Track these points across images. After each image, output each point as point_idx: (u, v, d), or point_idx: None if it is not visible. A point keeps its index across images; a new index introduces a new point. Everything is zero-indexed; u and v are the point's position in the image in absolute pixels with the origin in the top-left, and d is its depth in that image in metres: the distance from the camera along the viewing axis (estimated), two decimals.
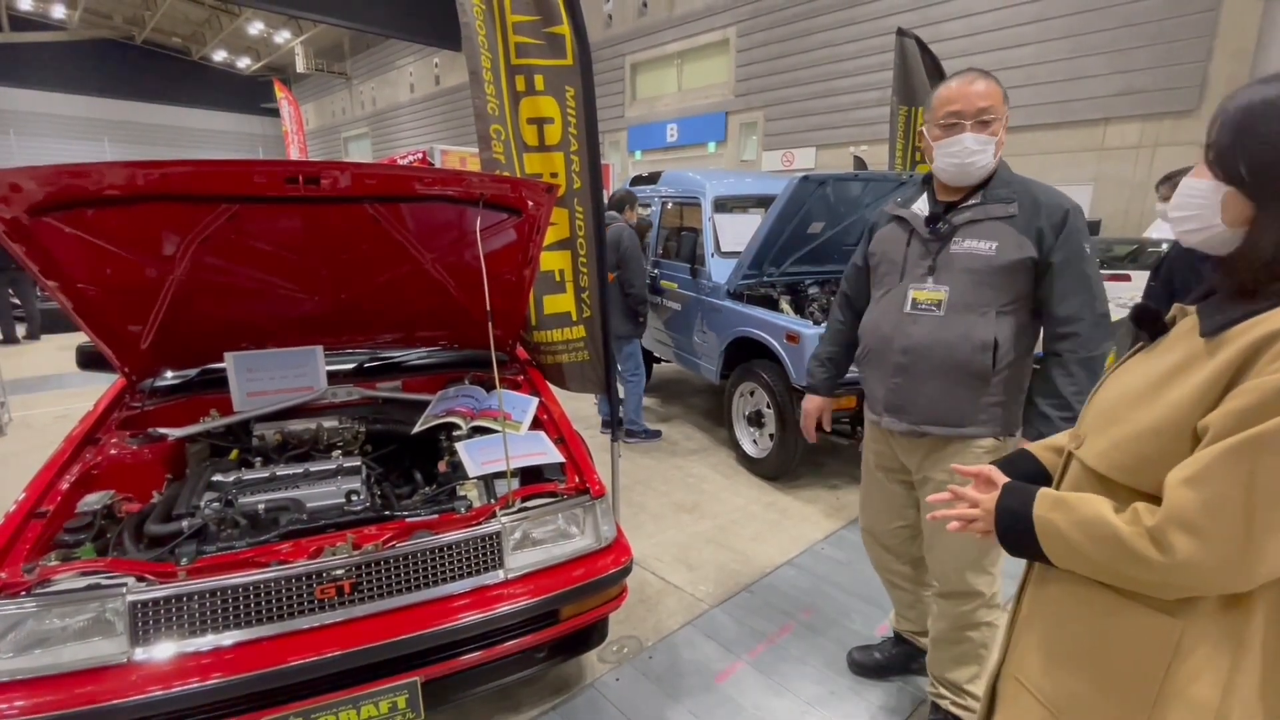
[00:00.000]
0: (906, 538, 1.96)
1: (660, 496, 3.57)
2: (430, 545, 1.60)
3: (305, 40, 25.51)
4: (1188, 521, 0.75)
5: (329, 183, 1.67)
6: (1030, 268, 1.58)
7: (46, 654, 1.30)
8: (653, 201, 4.97)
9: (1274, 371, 0.72)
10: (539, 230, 2.07)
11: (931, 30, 10.01)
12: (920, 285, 1.68)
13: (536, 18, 2.36)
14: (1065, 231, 1.56)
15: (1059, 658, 0.93)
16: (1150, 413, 0.83)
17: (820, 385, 2.06)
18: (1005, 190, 1.61)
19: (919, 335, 1.67)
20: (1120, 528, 0.81)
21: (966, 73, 1.61)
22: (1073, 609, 0.93)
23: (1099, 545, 0.83)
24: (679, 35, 15.49)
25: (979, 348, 1.60)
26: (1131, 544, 0.79)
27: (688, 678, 2.16)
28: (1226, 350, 0.77)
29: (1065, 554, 0.88)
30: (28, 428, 4.79)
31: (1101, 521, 0.83)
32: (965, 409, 1.65)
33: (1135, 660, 0.85)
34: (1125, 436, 0.85)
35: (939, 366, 1.65)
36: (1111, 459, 0.86)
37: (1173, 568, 0.76)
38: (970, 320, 1.61)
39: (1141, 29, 9.28)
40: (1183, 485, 0.76)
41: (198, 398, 2.22)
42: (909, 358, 1.69)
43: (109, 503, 1.69)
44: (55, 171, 1.47)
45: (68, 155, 23.82)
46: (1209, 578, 0.76)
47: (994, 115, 1.56)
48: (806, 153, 13.56)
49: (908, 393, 1.71)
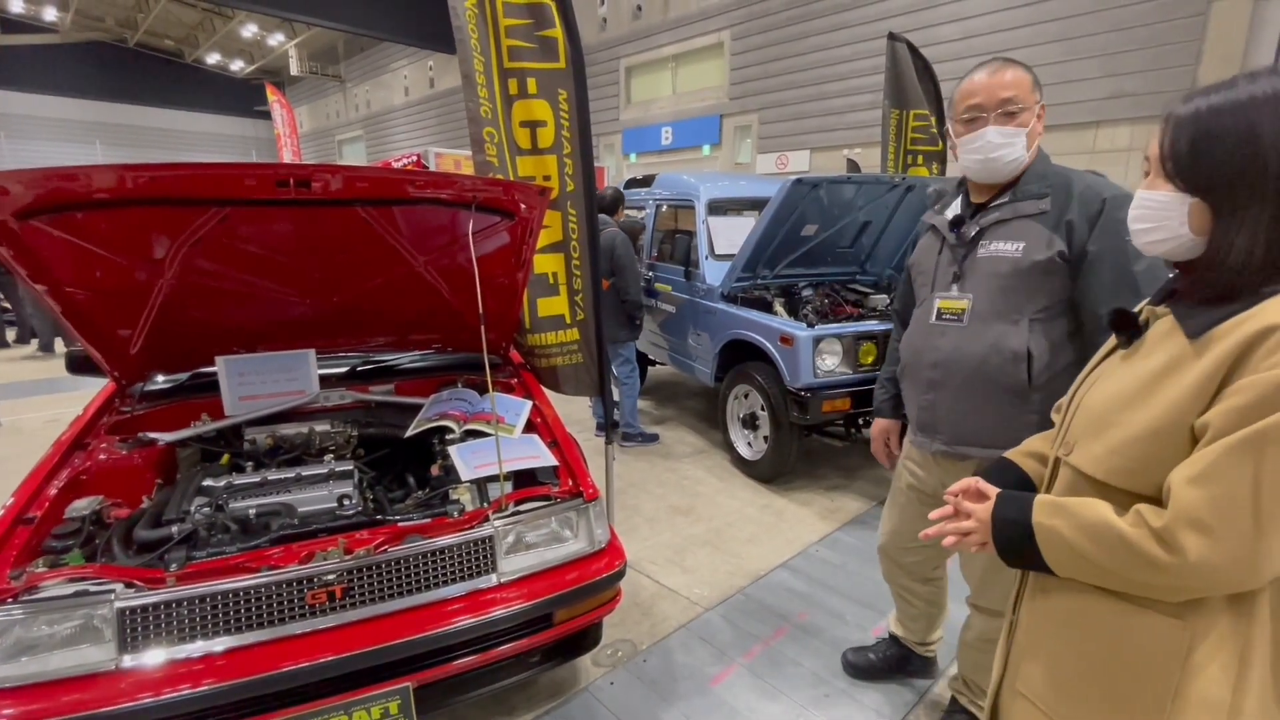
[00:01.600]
0: (924, 559, 1.91)
1: (655, 499, 3.57)
2: (422, 549, 1.59)
3: (299, 43, 25.45)
4: (1197, 520, 0.75)
5: (320, 186, 1.66)
6: (1062, 266, 1.43)
7: (34, 661, 1.29)
8: (647, 204, 4.98)
9: (1270, 367, 0.72)
10: (532, 233, 2.07)
11: (924, 34, 10.06)
12: (946, 294, 1.60)
13: (529, 21, 2.36)
14: (1102, 221, 1.39)
15: (1067, 671, 0.92)
16: (1144, 415, 0.83)
17: (883, 407, 1.97)
18: (1039, 185, 1.48)
19: (946, 348, 1.58)
20: (1126, 531, 0.80)
21: (991, 62, 1.50)
22: (1076, 619, 0.91)
23: (1105, 550, 0.82)
24: (673, 38, 15.54)
25: (1010, 359, 1.47)
26: (1140, 546, 0.79)
27: (682, 681, 2.16)
28: (1216, 349, 0.77)
29: (1068, 561, 0.87)
30: (17, 432, 4.75)
31: (1106, 525, 0.82)
32: (1006, 428, 1.47)
33: (1147, 667, 0.84)
34: (1122, 440, 0.85)
35: (970, 381, 1.54)
36: (1110, 464, 0.86)
37: (1183, 568, 0.76)
38: (999, 329, 1.49)
39: (1132, 33, 9.36)
40: (1189, 485, 0.76)
41: (188, 402, 2.21)
42: (939, 372, 1.60)
43: (98, 508, 1.68)
44: (43, 175, 1.46)
45: (59, 158, 23.72)
46: (1220, 576, 0.76)
47: (1020, 105, 1.44)
48: (801, 155, 13.60)
49: (940, 410, 1.62)
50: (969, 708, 1.86)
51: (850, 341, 3.38)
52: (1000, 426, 1.51)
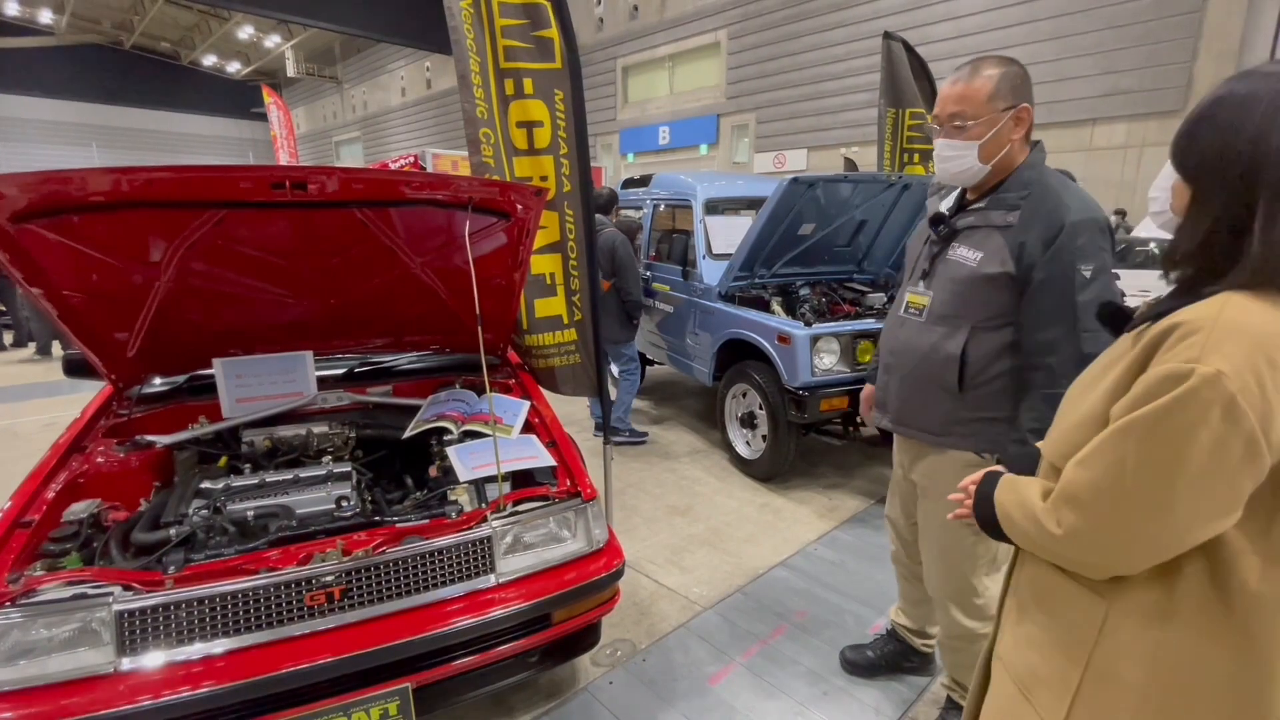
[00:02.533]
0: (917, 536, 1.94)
1: (653, 499, 3.57)
2: (420, 550, 1.59)
3: (295, 44, 25.43)
4: (1072, 497, 0.81)
5: (316, 188, 1.66)
6: (1008, 284, 1.46)
7: (32, 665, 1.29)
8: (645, 204, 4.98)
9: (1164, 361, 0.75)
10: (528, 233, 2.07)
11: (920, 33, 10.09)
12: (914, 289, 1.68)
13: (525, 21, 2.36)
14: (1055, 247, 1.39)
15: (1023, 635, 0.97)
16: (1084, 404, 0.88)
17: (872, 374, 2.02)
18: (1017, 194, 1.48)
19: (902, 339, 1.70)
20: (1036, 505, 0.87)
21: (968, 65, 1.50)
22: (1032, 589, 0.97)
23: (1028, 523, 0.89)
24: (670, 38, 15.55)
25: (944, 360, 1.56)
26: (1041, 519, 0.85)
27: (681, 680, 2.16)
28: (1141, 342, 0.81)
29: (1016, 534, 0.93)
30: (15, 436, 4.75)
31: (1030, 501, 0.89)
32: (939, 419, 1.62)
33: (1070, 636, 0.89)
34: (1067, 427, 0.90)
35: (913, 372, 1.66)
36: (1058, 449, 0.91)
37: (1062, 539, 0.83)
38: (943, 331, 1.57)
39: (1127, 30, 9.38)
40: (1075, 465, 0.82)
41: (186, 404, 2.21)
42: (893, 359, 1.74)
43: (95, 511, 1.68)
44: (38, 178, 1.46)
45: (56, 161, 23.66)
46: (1091, 551, 0.82)
47: (969, 119, 1.45)
48: (798, 155, 13.63)
49: (890, 391, 1.75)
50: (961, 703, 1.86)
51: (848, 340, 3.39)
52: (933, 417, 1.65)
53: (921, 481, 1.75)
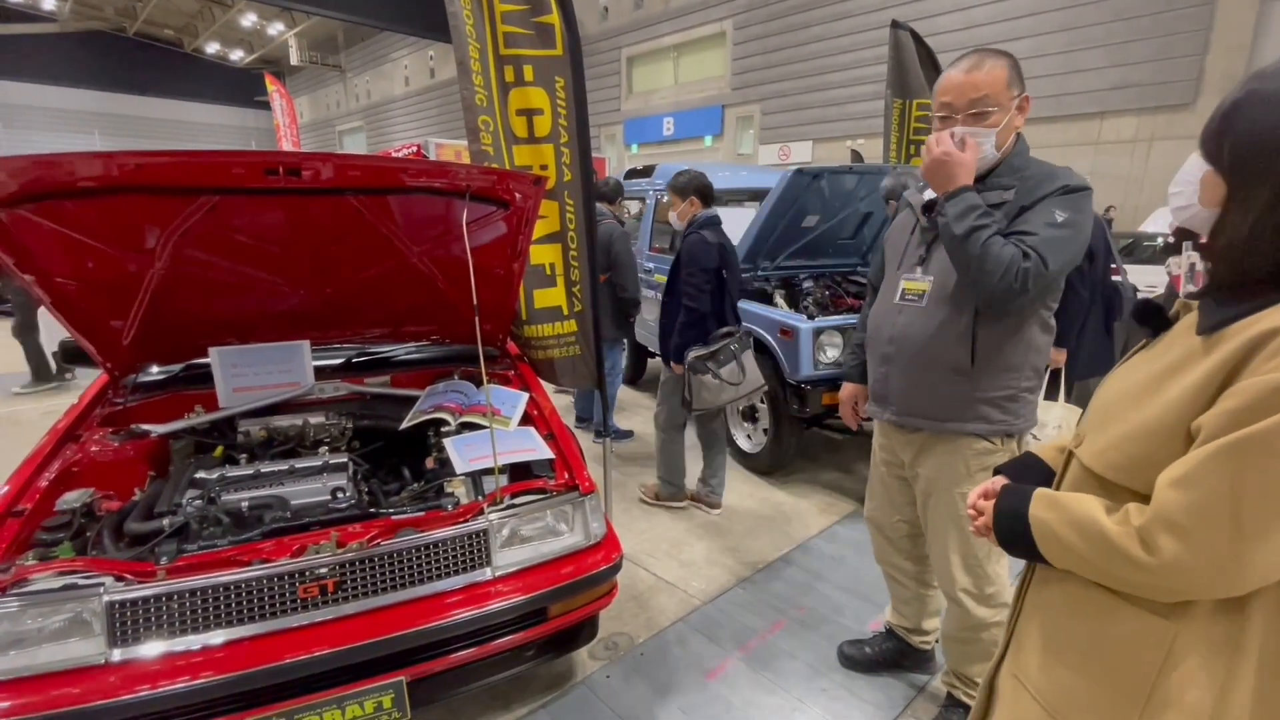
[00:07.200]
0: (906, 534, 1.94)
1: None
2: (416, 543, 1.57)
3: (299, 32, 25.33)
4: (1173, 523, 0.74)
5: (310, 174, 1.64)
6: None
7: (22, 655, 1.28)
8: (647, 195, 4.94)
9: (1269, 371, 0.69)
10: (527, 223, 2.04)
11: (927, 24, 9.97)
12: (910, 275, 1.66)
13: (525, 7, 2.32)
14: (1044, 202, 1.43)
15: (1056, 658, 0.93)
16: (1145, 412, 0.81)
17: (851, 372, 2.03)
18: (1010, 178, 1.50)
19: (902, 325, 1.65)
20: (1109, 527, 0.80)
21: (970, 55, 1.49)
22: (1070, 609, 0.92)
23: (1091, 545, 0.82)
24: (675, 28, 15.43)
25: (955, 339, 1.55)
26: (1120, 544, 0.78)
27: (679, 674, 2.15)
28: (1222, 349, 0.75)
29: (1060, 554, 0.87)
30: (14, 424, 4.75)
31: (1092, 521, 0.82)
32: (949, 404, 1.60)
33: (1129, 662, 0.84)
34: (1121, 436, 0.84)
35: (918, 358, 1.62)
36: (1108, 458, 0.85)
37: (1159, 569, 0.75)
38: (948, 311, 1.56)
39: (1137, 23, 9.27)
40: (1170, 486, 0.75)
41: (182, 393, 2.19)
42: (893, 348, 1.68)
43: (88, 501, 1.66)
44: (28, 162, 1.43)
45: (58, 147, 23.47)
46: (1195, 581, 0.75)
47: (992, 106, 1.45)
48: (803, 146, 13.54)
49: (892, 383, 1.70)
50: (964, 700, 1.86)
51: (851, 334, 3.36)
52: (941, 402, 1.61)
53: (928, 475, 1.71)
